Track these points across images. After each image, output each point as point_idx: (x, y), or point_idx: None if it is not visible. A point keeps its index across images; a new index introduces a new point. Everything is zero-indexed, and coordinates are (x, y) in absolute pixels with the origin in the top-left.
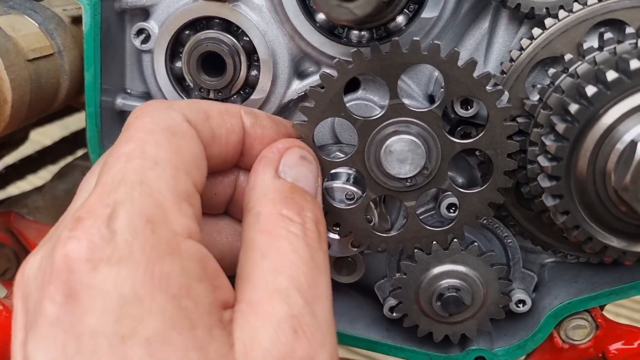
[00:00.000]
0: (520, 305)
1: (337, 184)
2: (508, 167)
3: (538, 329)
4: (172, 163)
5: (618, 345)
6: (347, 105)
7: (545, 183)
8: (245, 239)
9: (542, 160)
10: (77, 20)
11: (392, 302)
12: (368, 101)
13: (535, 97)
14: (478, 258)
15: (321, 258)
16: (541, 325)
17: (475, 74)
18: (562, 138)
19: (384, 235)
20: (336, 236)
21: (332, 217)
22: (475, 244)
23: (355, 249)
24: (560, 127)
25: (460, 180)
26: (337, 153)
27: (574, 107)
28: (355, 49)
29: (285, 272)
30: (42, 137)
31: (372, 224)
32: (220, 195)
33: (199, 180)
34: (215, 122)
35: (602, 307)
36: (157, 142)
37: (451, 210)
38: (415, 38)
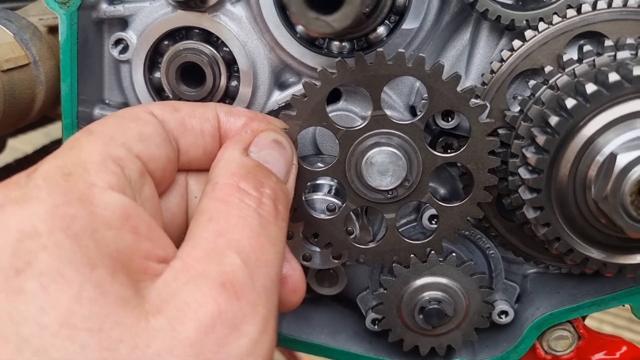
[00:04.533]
0: (503, 316)
1: (318, 195)
2: (489, 182)
3: (521, 340)
4: (107, 133)
5: (600, 355)
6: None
7: (526, 195)
8: (198, 206)
9: (523, 172)
10: (53, 30)
11: (374, 315)
12: (349, 112)
13: (516, 109)
14: (457, 268)
15: (274, 231)
16: (524, 337)
17: (458, 88)
18: (542, 150)
19: (362, 247)
20: (318, 248)
21: (311, 227)
22: (454, 254)
23: (337, 261)
24: (541, 139)
25: (442, 191)
26: (318, 164)
27: (554, 120)
28: (340, 59)
29: (228, 235)
30: (24, 144)
31: (353, 235)
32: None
33: (145, 154)
34: (184, 113)
35: (584, 317)
36: (102, 122)
37: (433, 222)
38: (400, 50)
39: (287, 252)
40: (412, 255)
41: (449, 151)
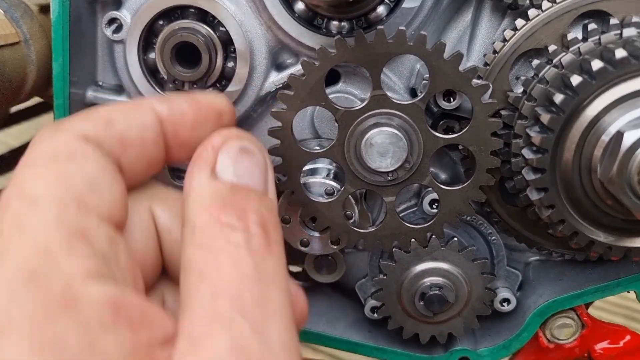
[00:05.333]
0: (505, 304)
1: (316, 178)
2: (491, 164)
3: (523, 328)
4: (55, 197)
5: (604, 344)
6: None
7: (529, 176)
8: (183, 258)
9: (527, 153)
10: (45, 9)
11: (373, 302)
12: (348, 94)
13: (519, 90)
14: (459, 254)
15: (270, 266)
16: (526, 325)
17: (460, 68)
18: (547, 129)
19: (361, 231)
20: (316, 234)
21: (309, 210)
22: (455, 239)
23: (335, 247)
24: (545, 117)
25: (443, 176)
26: (316, 147)
27: (559, 98)
28: (339, 37)
29: (226, 294)
30: (13, 139)
31: (352, 220)
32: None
33: (103, 205)
34: (121, 125)
35: (587, 306)
36: (37, 174)
37: (434, 206)
38: (401, 27)
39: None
40: (412, 240)
41: (450, 133)
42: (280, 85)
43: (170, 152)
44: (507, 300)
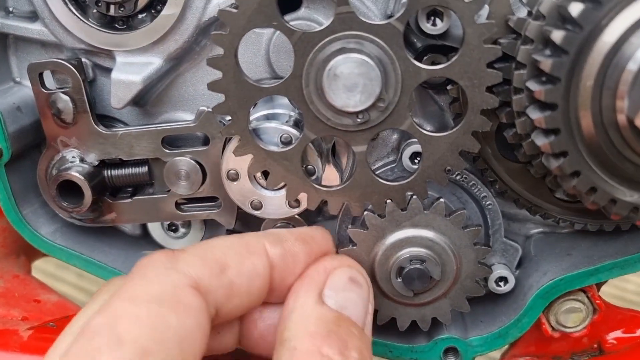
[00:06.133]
0: (502, 283)
1: (271, 124)
2: (487, 104)
3: (523, 313)
4: (141, 345)
5: (617, 333)
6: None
7: (536, 114)
8: None
9: (533, 85)
10: None
11: None
12: (312, 21)
13: (522, 13)
14: (446, 219)
15: None
16: (527, 308)
17: None
18: (560, 51)
19: (324, 189)
20: (269, 192)
21: (259, 162)
22: (442, 200)
23: (295, 210)
24: (558, 36)
25: (428, 128)
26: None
27: (576, 8)
28: None
29: None
30: None
31: (314, 177)
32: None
33: None
34: (234, 272)
35: (598, 287)
36: (135, 315)
37: (416, 161)
38: None
39: None
40: (388, 201)
41: None
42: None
43: (270, 295)
44: (504, 279)
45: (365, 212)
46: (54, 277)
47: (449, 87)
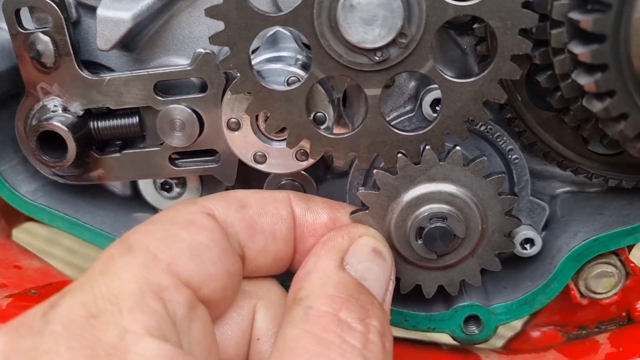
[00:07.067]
0: (527, 246)
1: (278, 65)
2: (518, 48)
3: (552, 277)
4: (149, 250)
5: None
6: None
7: (578, 48)
8: (284, 335)
9: (576, 15)
10: None
11: None
12: None
13: None
14: (465, 169)
15: None
16: (557, 272)
17: None
18: None
19: (330, 136)
20: (274, 144)
21: (258, 102)
22: (458, 148)
23: (302, 163)
24: None
25: (449, 74)
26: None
27: None
28: None
29: None
30: None
31: (324, 125)
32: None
33: (197, 275)
34: (254, 210)
35: (629, 250)
36: (148, 230)
37: (437, 108)
38: None
39: None
40: (399, 155)
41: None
42: None
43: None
44: (531, 241)
45: (375, 171)
46: (44, 254)
47: (475, 26)
